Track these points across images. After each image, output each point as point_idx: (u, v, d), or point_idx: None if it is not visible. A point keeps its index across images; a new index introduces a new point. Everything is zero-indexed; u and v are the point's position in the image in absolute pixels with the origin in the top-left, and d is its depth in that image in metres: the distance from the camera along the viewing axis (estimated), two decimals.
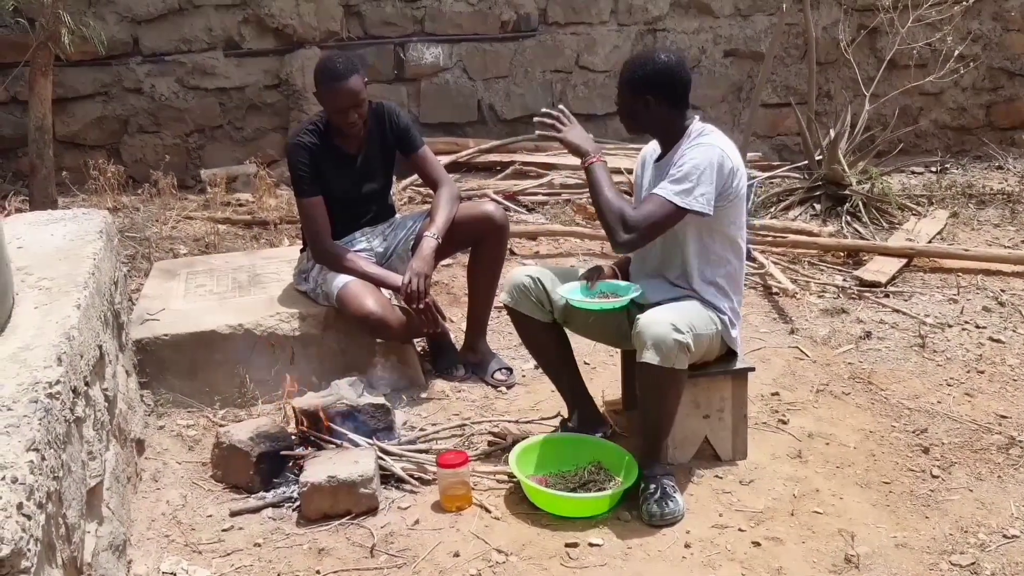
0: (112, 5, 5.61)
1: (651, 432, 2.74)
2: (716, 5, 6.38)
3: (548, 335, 2.98)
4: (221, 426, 3.07)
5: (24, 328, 2.18)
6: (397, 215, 3.68)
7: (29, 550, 1.55)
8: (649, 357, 2.56)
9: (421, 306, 3.26)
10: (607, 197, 2.68)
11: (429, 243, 3.32)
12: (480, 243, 3.48)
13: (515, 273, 2.97)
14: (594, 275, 2.90)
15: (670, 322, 2.57)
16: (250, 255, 4.16)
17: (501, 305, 3.98)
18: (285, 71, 5.90)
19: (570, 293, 2.82)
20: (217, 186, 5.40)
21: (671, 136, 2.80)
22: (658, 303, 2.72)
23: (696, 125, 2.80)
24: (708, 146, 2.69)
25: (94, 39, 4.70)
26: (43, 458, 1.73)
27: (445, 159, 5.79)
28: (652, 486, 2.67)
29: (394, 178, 3.66)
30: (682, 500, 2.68)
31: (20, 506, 1.57)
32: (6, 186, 5.28)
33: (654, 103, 2.73)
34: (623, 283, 2.89)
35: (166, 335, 3.26)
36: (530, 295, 2.91)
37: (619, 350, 3.20)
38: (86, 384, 2.23)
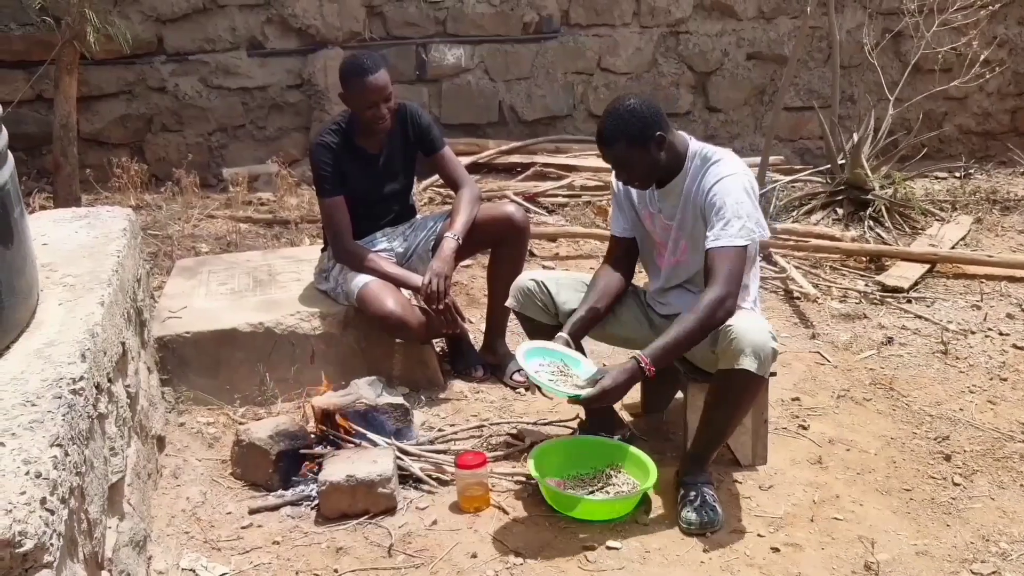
0: (137, 4, 5.65)
1: (707, 439, 2.70)
2: (739, 7, 6.36)
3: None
4: (241, 424, 3.09)
5: (49, 324, 2.20)
6: (418, 215, 3.69)
7: (52, 544, 1.56)
8: (748, 364, 2.50)
9: (440, 307, 3.26)
10: (691, 333, 2.53)
11: (449, 244, 3.33)
12: (500, 244, 3.48)
13: (520, 278, 3.00)
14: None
15: (767, 329, 2.57)
16: (271, 254, 4.18)
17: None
18: (308, 71, 5.92)
19: (528, 358, 2.64)
20: (239, 185, 5.43)
21: (678, 164, 2.74)
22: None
23: (693, 146, 2.75)
24: (731, 176, 2.63)
25: (119, 38, 4.73)
26: (66, 453, 1.75)
27: (466, 160, 5.79)
28: (692, 493, 2.65)
29: (415, 178, 3.67)
30: (722, 510, 2.64)
31: (43, 501, 1.59)
32: (31, 183, 5.32)
33: (655, 148, 2.65)
34: (579, 360, 2.71)
35: (187, 333, 3.28)
36: (535, 299, 2.91)
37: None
38: (109, 381, 2.24)
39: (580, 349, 2.80)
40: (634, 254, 2.98)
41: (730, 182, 2.62)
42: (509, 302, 3.00)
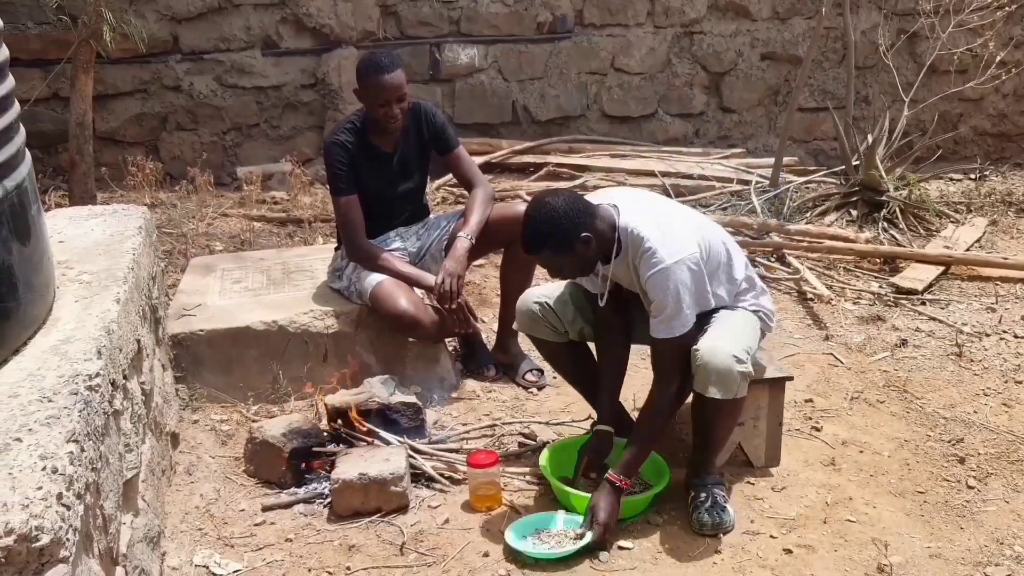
0: (153, 3, 5.68)
1: (704, 447, 2.73)
2: (754, 8, 6.34)
3: (568, 354, 2.99)
4: (254, 421, 3.10)
5: (65, 321, 2.21)
6: (431, 215, 3.69)
7: (68, 539, 1.57)
8: (713, 392, 2.53)
9: (454, 306, 3.26)
10: (653, 436, 2.66)
11: (463, 243, 3.33)
12: (513, 244, 3.48)
13: (522, 300, 2.96)
14: (596, 457, 2.77)
15: (731, 353, 2.53)
16: (284, 252, 4.19)
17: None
18: (322, 70, 5.93)
19: (519, 541, 2.55)
20: (253, 184, 5.44)
21: (612, 245, 2.61)
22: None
23: (620, 222, 2.59)
24: (662, 269, 2.51)
25: (135, 37, 4.75)
26: (82, 449, 1.76)
27: (479, 160, 5.78)
28: (703, 495, 2.65)
29: (428, 178, 3.67)
30: (733, 510, 2.66)
31: (60, 496, 1.60)
32: (46, 181, 5.35)
33: (583, 248, 2.54)
34: (554, 516, 2.66)
35: (202, 330, 3.29)
36: (540, 321, 2.91)
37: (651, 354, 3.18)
38: (124, 377, 2.25)
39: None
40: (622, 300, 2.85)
41: (661, 277, 2.52)
42: (516, 326, 3.03)
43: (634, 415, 3.17)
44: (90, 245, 2.76)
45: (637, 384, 3.41)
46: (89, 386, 1.91)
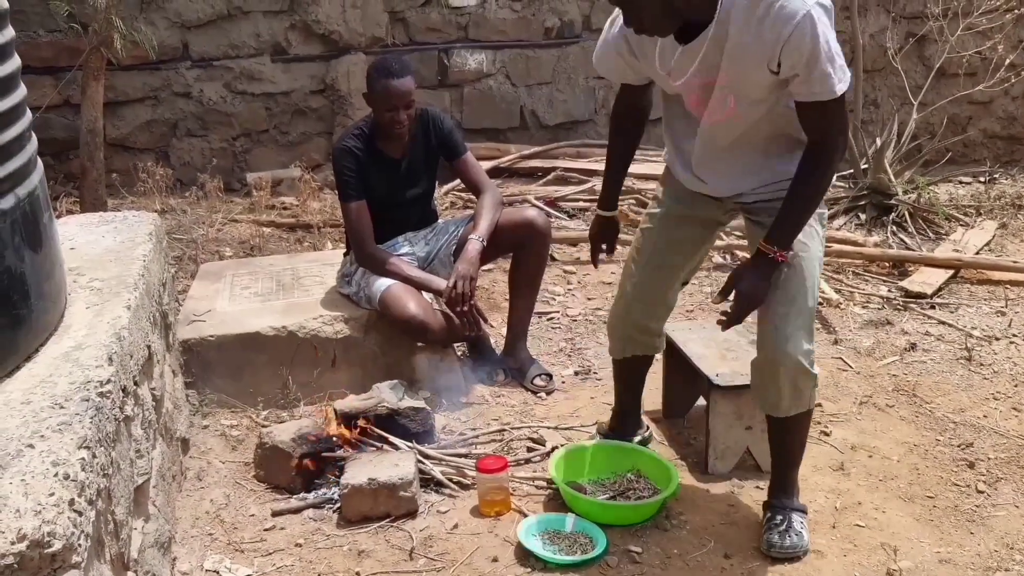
0: (163, 11, 5.71)
1: (783, 463, 2.63)
2: None
3: (647, 363, 2.97)
4: (264, 427, 3.11)
5: (76, 328, 2.23)
6: (440, 220, 3.71)
7: (80, 545, 1.58)
8: (785, 411, 2.48)
9: (465, 308, 3.28)
10: (811, 199, 2.34)
11: (474, 246, 3.34)
12: (522, 249, 3.49)
13: (616, 326, 2.86)
14: (596, 240, 2.89)
15: (799, 354, 2.39)
16: (294, 258, 4.21)
17: (541, 312, 4.00)
18: (331, 76, 5.96)
19: (534, 529, 2.58)
20: (262, 189, 5.48)
21: (704, 9, 2.20)
22: (741, 202, 2.52)
23: None
24: (803, 15, 2.13)
25: (145, 44, 4.79)
26: (94, 455, 1.77)
27: (487, 164, 5.81)
28: (779, 517, 2.56)
29: (436, 183, 3.69)
30: (808, 537, 2.55)
31: (72, 502, 1.61)
32: (57, 188, 5.39)
33: None
34: (565, 518, 2.64)
35: (212, 336, 3.31)
36: (636, 340, 2.85)
37: (660, 358, 3.18)
38: (135, 383, 2.27)
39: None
40: (646, 103, 2.68)
41: (807, 25, 2.12)
42: (610, 351, 2.95)
43: (644, 418, 3.18)
44: (101, 252, 2.78)
45: (646, 387, 3.41)
46: (100, 392, 1.93)
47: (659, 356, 3.21)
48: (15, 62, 2.16)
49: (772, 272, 2.33)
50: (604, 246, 2.90)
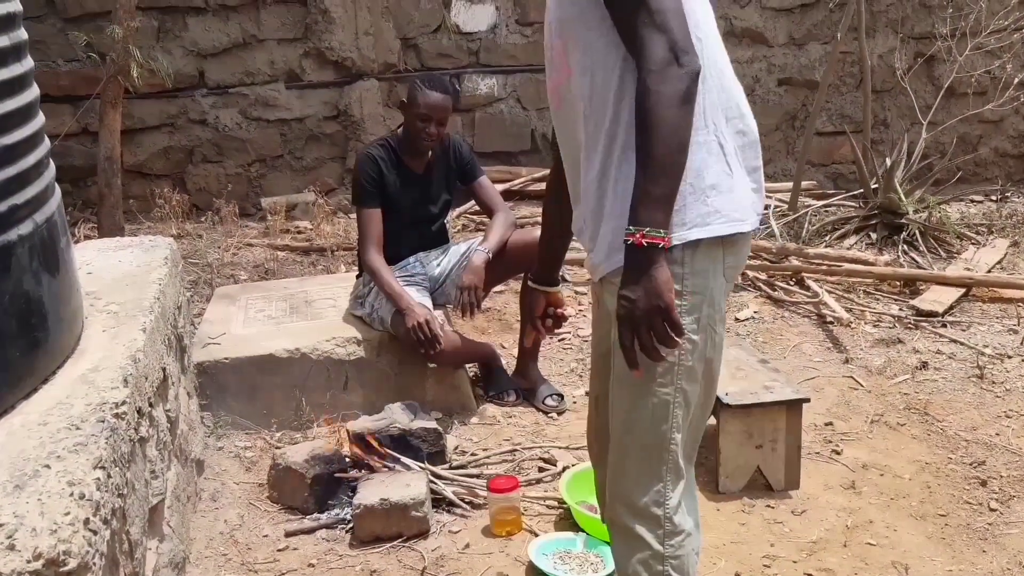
0: (179, 39, 5.81)
1: None
2: (770, 34, 6.38)
3: None
4: (277, 448, 3.14)
5: (93, 350, 2.26)
6: (451, 243, 3.75)
7: (95, 564, 1.61)
8: None
9: (473, 318, 3.47)
10: (652, 143, 1.54)
11: (480, 256, 3.45)
12: (532, 269, 3.52)
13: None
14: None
15: (632, 508, 1.75)
16: (307, 281, 4.26)
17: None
18: (344, 102, 6.03)
19: (545, 549, 2.59)
20: (277, 214, 5.53)
21: None
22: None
23: None
24: None
25: (162, 72, 4.87)
26: (109, 476, 1.80)
27: (499, 187, 5.84)
28: None
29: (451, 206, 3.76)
30: None
31: (87, 521, 1.64)
32: (76, 214, 5.47)
33: None
34: (574, 538, 2.63)
35: (226, 358, 3.35)
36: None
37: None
38: (150, 405, 2.30)
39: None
40: None
41: None
42: None
43: None
44: (118, 276, 2.82)
45: None
46: (116, 414, 1.96)
47: None
48: (34, 91, 2.21)
49: (645, 265, 1.54)
50: (541, 321, 2.16)
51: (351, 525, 2.75)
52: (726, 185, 1.67)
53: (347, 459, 2.96)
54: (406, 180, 3.51)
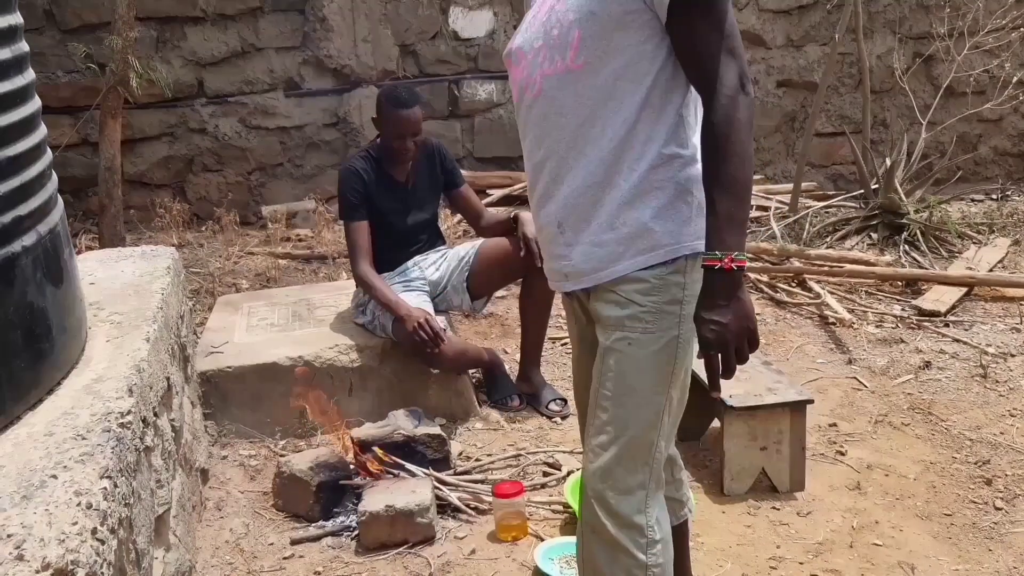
0: (178, 49, 5.82)
1: None
2: (768, 36, 6.40)
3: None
4: (282, 456, 3.14)
5: (97, 360, 2.27)
6: (447, 248, 3.76)
7: (103, 573, 1.61)
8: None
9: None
10: (734, 169, 1.57)
11: (526, 213, 3.40)
12: (531, 274, 3.53)
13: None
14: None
15: (612, 508, 1.73)
16: (309, 289, 4.26)
17: (554, 337, 4.02)
18: (343, 110, 6.04)
19: (551, 554, 2.58)
20: (277, 222, 5.54)
21: None
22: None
23: None
24: None
25: (161, 82, 4.88)
26: (115, 485, 1.80)
27: (498, 192, 5.88)
28: None
29: (447, 212, 3.77)
30: None
31: (94, 531, 1.64)
32: (77, 225, 5.48)
33: None
34: None
35: (229, 367, 3.35)
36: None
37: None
38: (155, 415, 2.30)
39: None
40: None
41: None
42: None
43: None
44: (120, 286, 2.83)
45: None
46: (121, 423, 1.96)
47: None
48: (36, 103, 2.21)
49: (733, 289, 1.57)
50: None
51: (356, 532, 2.75)
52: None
53: (352, 466, 2.96)
54: (393, 189, 3.51)
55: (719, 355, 1.59)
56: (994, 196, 6.28)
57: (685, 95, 1.66)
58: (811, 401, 2.96)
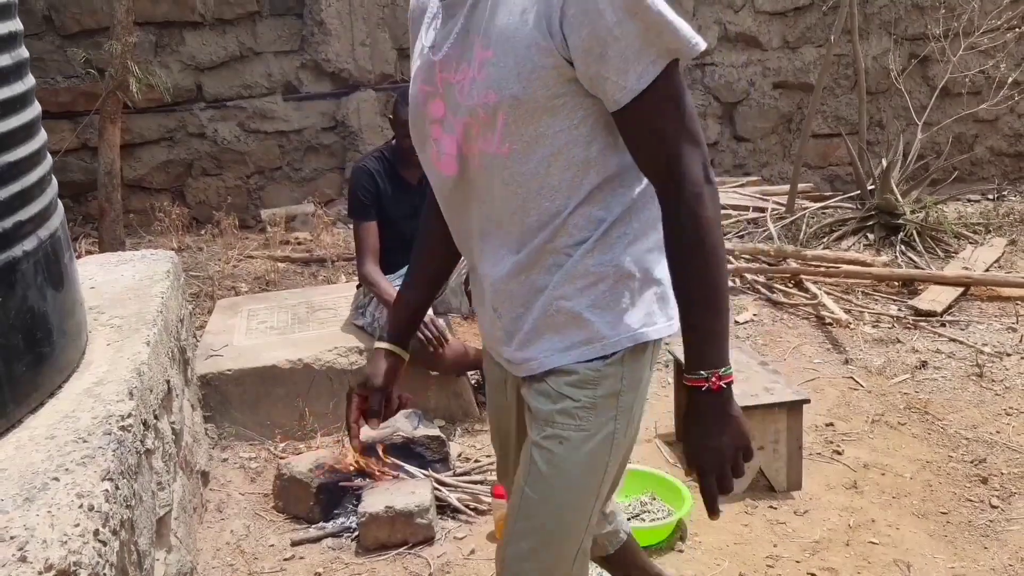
0: (177, 54, 5.84)
1: None
2: (764, 38, 6.42)
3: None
4: (282, 458, 3.16)
5: (97, 364, 2.28)
6: None
7: (105, 574, 1.62)
8: None
9: None
10: (715, 279, 1.41)
11: None
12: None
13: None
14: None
15: None
16: (308, 291, 4.27)
17: None
18: (341, 113, 6.06)
19: None
20: (276, 225, 5.56)
21: None
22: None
23: None
24: None
25: (160, 87, 4.90)
26: (117, 487, 1.82)
27: None
28: None
29: None
30: None
31: (96, 533, 1.65)
32: (77, 229, 5.49)
33: None
34: None
35: (229, 370, 3.37)
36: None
37: (672, 382, 3.21)
38: (155, 417, 2.32)
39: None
40: None
41: None
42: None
43: (655, 440, 3.20)
44: (120, 290, 2.84)
45: (658, 412, 3.44)
46: (122, 426, 1.98)
47: (670, 379, 3.24)
48: (36, 109, 2.23)
49: (723, 408, 1.43)
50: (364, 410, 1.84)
51: (356, 533, 2.77)
52: (667, 281, 1.51)
53: (351, 468, 2.98)
54: (404, 191, 3.53)
55: (719, 478, 1.46)
56: (990, 196, 6.30)
57: (630, 177, 1.48)
58: (808, 401, 2.98)
